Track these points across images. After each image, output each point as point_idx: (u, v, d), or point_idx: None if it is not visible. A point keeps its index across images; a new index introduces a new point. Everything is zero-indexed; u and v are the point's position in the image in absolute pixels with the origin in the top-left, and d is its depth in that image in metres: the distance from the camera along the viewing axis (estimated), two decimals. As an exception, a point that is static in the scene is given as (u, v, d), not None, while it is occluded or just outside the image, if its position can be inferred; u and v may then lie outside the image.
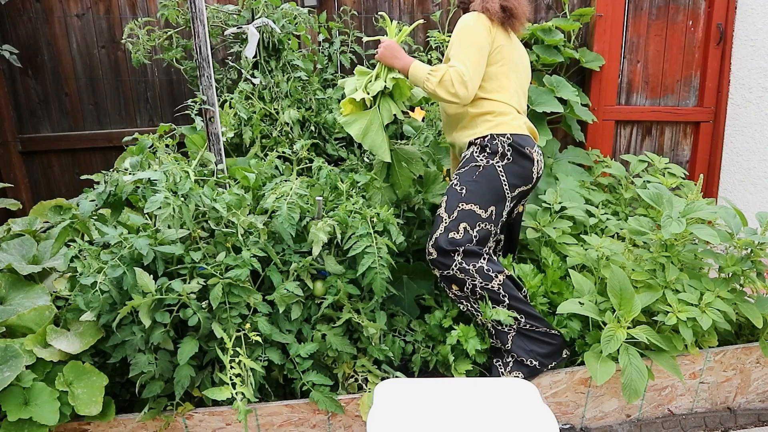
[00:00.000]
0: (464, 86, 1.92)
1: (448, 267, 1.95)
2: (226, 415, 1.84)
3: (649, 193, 2.17)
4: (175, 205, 1.69)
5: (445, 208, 2.00)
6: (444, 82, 1.92)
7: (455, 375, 1.99)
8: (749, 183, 3.35)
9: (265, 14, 2.68)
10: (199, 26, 2.07)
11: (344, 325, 1.96)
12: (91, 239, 1.96)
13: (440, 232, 1.97)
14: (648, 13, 3.30)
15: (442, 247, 1.95)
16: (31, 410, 1.59)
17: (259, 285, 1.90)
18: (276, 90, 2.68)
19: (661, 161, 2.88)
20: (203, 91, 2.14)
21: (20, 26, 2.93)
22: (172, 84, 3.13)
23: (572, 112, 3.02)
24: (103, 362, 1.83)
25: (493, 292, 1.95)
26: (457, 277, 1.95)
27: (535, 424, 1.35)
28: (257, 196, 2.10)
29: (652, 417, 2.16)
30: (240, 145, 2.59)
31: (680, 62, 3.40)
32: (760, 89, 3.24)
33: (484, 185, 1.99)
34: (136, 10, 3.01)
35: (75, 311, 1.77)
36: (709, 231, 1.96)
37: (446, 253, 1.94)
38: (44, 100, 3.04)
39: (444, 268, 1.96)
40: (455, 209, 1.97)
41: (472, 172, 2.01)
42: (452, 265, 1.94)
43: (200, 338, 1.76)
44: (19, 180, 3.03)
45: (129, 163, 1.98)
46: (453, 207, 1.98)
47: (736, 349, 2.15)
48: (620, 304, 1.96)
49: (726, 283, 2.09)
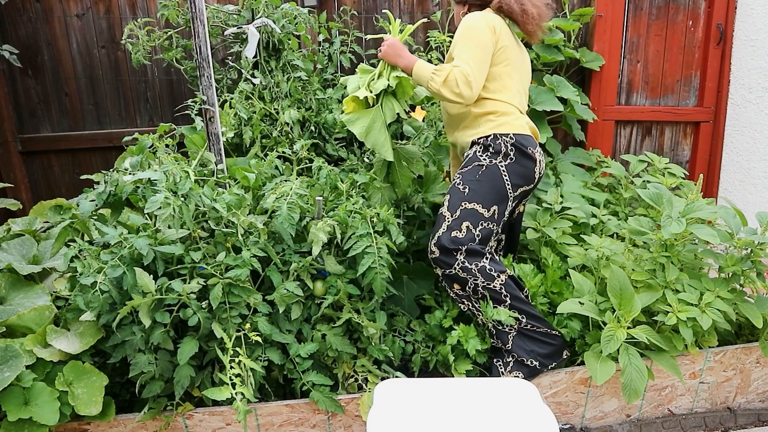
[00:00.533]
0: (468, 86, 1.92)
1: (451, 266, 1.94)
2: (226, 415, 1.84)
3: (649, 193, 2.17)
4: (175, 205, 1.68)
5: (447, 206, 2.00)
6: (449, 81, 1.92)
7: (455, 375, 1.99)
8: (749, 183, 3.35)
9: (265, 14, 2.68)
10: (199, 26, 2.07)
11: (344, 325, 1.96)
12: (91, 239, 1.96)
13: (443, 231, 1.97)
14: (648, 13, 3.30)
15: (445, 246, 1.94)
16: (31, 410, 1.59)
17: (259, 285, 1.90)
18: (276, 90, 2.68)
19: (661, 161, 2.88)
20: (203, 91, 2.14)
21: (20, 26, 2.93)
22: (172, 84, 3.13)
23: (572, 112, 3.02)
24: (103, 362, 1.83)
25: (495, 292, 1.95)
26: (459, 276, 1.95)
27: (535, 424, 1.35)
28: (257, 196, 2.10)
29: (652, 417, 2.16)
30: (240, 145, 2.59)
31: (680, 62, 3.40)
32: (760, 89, 3.24)
33: (486, 184, 1.99)
34: (136, 10, 3.01)
35: (75, 311, 1.77)
36: (709, 231, 1.96)
37: (449, 252, 1.94)
38: (44, 100, 3.04)
39: (446, 267, 1.96)
40: (458, 208, 1.97)
41: (475, 171, 2.01)
42: (454, 264, 1.94)
43: (200, 338, 1.76)
44: (19, 180, 3.03)
45: (129, 163, 1.98)
46: (456, 206, 1.98)
47: (736, 349, 2.15)
48: (620, 304, 1.96)
49: (726, 283, 2.09)
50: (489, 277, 1.94)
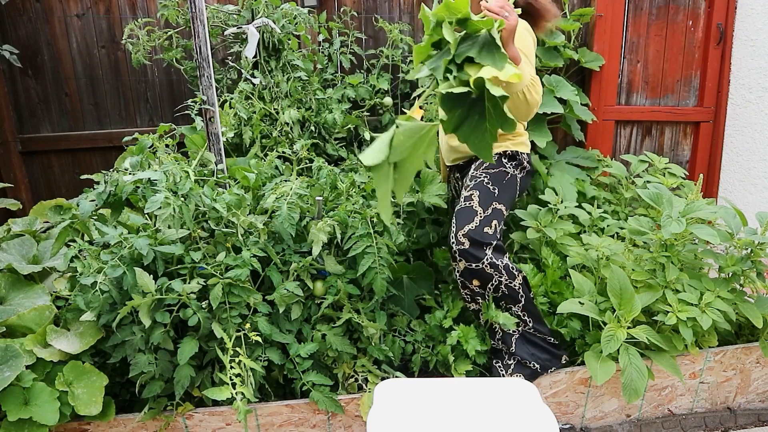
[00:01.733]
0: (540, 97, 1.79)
1: (480, 260, 1.92)
2: (226, 415, 1.84)
3: (649, 193, 2.17)
4: (175, 205, 1.68)
5: (479, 202, 2.00)
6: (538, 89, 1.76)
7: (455, 375, 1.99)
8: (749, 183, 3.35)
9: (265, 14, 2.68)
10: (199, 26, 2.07)
11: (344, 325, 1.96)
12: (91, 239, 1.96)
13: (475, 225, 1.95)
14: (648, 13, 3.30)
15: (477, 240, 1.92)
16: (31, 410, 1.59)
17: (259, 285, 1.90)
18: (276, 90, 2.68)
19: (661, 161, 2.88)
20: (203, 91, 2.14)
21: (20, 26, 2.93)
22: (172, 84, 3.13)
23: (572, 112, 3.02)
24: (103, 362, 1.83)
25: (514, 291, 1.96)
26: (486, 272, 1.93)
27: (535, 424, 1.35)
28: (257, 196, 2.10)
29: (652, 417, 2.16)
30: (240, 145, 2.59)
31: (680, 62, 3.39)
32: (760, 89, 3.24)
33: (509, 191, 2.08)
34: (136, 10, 3.01)
35: (75, 311, 1.78)
36: (709, 231, 1.96)
37: (480, 245, 1.92)
38: (44, 100, 3.04)
39: (474, 260, 1.92)
40: (490, 206, 2.00)
41: (502, 176, 2.09)
42: (483, 258, 1.92)
43: (200, 338, 1.76)
44: (19, 180, 3.03)
45: (129, 163, 1.97)
46: (488, 203, 2.00)
47: (736, 349, 2.15)
48: (620, 304, 1.96)
49: (726, 283, 2.09)
50: (511, 276, 1.94)
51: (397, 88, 3.08)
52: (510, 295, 1.96)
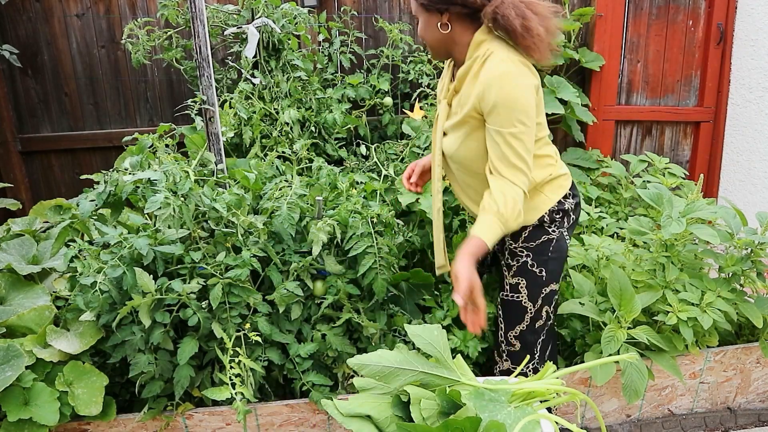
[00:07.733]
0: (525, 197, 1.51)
1: (530, 360, 1.76)
2: (226, 415, 1.84)
3: (649, 193, 2.17)
4: (175, 205, 1.68)
5: (527, 296, 1.72)
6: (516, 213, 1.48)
7: (455, 375, 1.98)
8: (749, 183, 3.35)
9: (265, 14, 2.68)
10: (199, 26, 2.07)
11: (344, 325, 1.96)
12: (91, 239, 1.96)
13: (526, 325, 1.74)
14: (648, 13, 3.30)
15: (528, 341, 1.75)
16: (31, 410, 1.59)
17: (259, 285, 1.90)
18: (276, 90, 2.68)
19: (661, 161, 2.88)
20: (203, 91, 2.13)
21: (20, 26, 2.93)
22: (172, 84, 3.13)
23: (572, 113, 3.02)
24: (103, 362, 1.83)
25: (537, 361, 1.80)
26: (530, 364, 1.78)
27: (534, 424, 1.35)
28: (257, 196, 2.10)
29: (652, 417, 2.16)
30: (240, 145, 2.58)
31: (680, 62, 3.39)
32: (760, 89, 3.24)
33: (558, 260, 1.72)
34: (136, 10, 3.01)
35: (75, 311, 1.77)
36: (709, 231, 1.96)
37: (532, 345, 1.76)
38: (44, 100, 3.04)
39: (520, 360, 1.73)
40: (539, 297, 1.72)
41: (546, 247, 1.69)
42: (534, 356, 1.77)
43: (200, 338, 1.76)
44: (19, 180, 3.03)
45: (129, 163, 1.97)
46: (536, 295, 1.72)
47: (736, 349, 2.15)
48: (620, 305, 1.96)
49: (726, 283, 2.09)
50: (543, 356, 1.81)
51: (397, 88, 3.08)
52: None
